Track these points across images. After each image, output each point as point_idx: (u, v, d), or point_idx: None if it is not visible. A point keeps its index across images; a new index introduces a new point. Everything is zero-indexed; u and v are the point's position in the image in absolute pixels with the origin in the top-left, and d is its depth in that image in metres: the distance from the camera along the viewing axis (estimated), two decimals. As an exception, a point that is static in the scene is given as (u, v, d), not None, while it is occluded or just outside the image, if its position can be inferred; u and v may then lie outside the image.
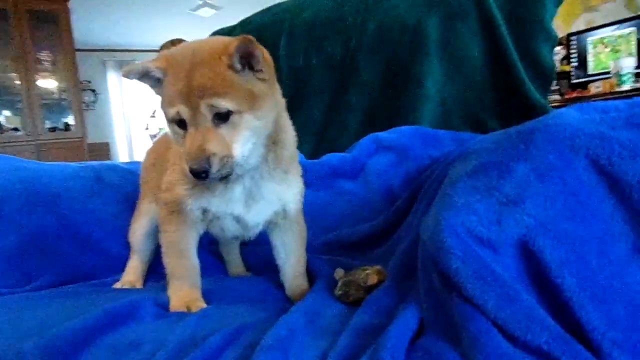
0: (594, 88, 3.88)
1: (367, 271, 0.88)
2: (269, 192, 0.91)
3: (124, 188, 1.38)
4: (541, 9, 1.52)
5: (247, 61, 0.78)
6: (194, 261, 0.96)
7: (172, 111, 0.77)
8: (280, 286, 1.08)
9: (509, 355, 0.51)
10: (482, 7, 1.54)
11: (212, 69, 0.75)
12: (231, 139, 0.77)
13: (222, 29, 2.15)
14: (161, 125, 7.59)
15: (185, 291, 0.93)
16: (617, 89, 3.62)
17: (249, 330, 0.71)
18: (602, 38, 3.99)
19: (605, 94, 3.70)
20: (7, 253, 1.11)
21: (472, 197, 0.63)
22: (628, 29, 3.94)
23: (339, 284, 0.87)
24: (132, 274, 1.17)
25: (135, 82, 0.82)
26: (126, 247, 1.25)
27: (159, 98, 0.82)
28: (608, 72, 3.83)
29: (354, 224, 1.40)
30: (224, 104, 0.75)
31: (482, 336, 0.53)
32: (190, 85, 0.75)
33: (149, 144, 6.69)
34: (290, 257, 1.01)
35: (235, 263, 1.29)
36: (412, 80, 1.54)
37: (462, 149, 1.16)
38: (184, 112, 0.76)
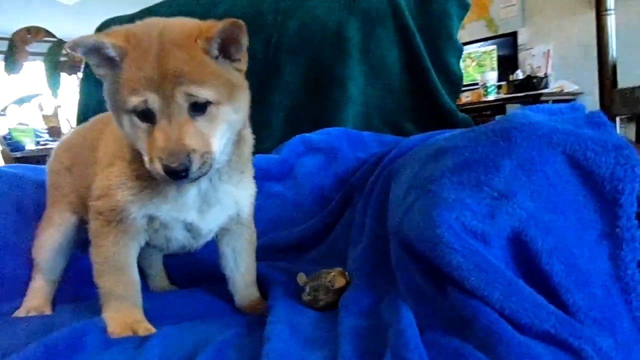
0: (464, 97, 4.34)
1: (332, 274, 0.86)
2: (226, 196, 0.83)
3: (13, 196, 1.15)
4: (449, 22, 1.65)
5: (226, 48, 0.70)
6: (135, 277, 0.83)
7: (136, 100, 0.65)
8: (223, 297, 0.99)
9: (524, 342, 0.52)
10: (398, 15, 1.61)
11: (187, 53, 0.66)
12: (209, 133, 0.68)
13: (116, 18, 1.94)
14: (11, 125, 6.64)
15: (125, 312, 0.80)
16: (484, 99, 4.11)
17: (229, 350, 0.63)
18: (469, 53, 4.49)
19: (474, 102, 4.18)
20: None
21: (462, 193, 0.65)
22: (490, 47, 4.50)
23: (307, 289, 0.83)
24: (37, 298, 0.98)
25: None
26: (23, 267, 1.05)
27: (107, 83, 0.70)
28: (476, 84, 4.33)
29: (286, 227, 1.36)
30: (203, 93, 0.66)
31: (496, 327, 0.54)
32: (162, 70, 0.64)
33: (-2, 146, 5.78)
34: (241, 265, 0.94)
35: (159, 276, 1.16)
36: (335, 82, 1.55)
37: (398, 150, 1.20)
38: (154, 102, 0.65)
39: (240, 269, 0.94)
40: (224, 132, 0.71)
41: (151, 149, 0.66)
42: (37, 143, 6.78)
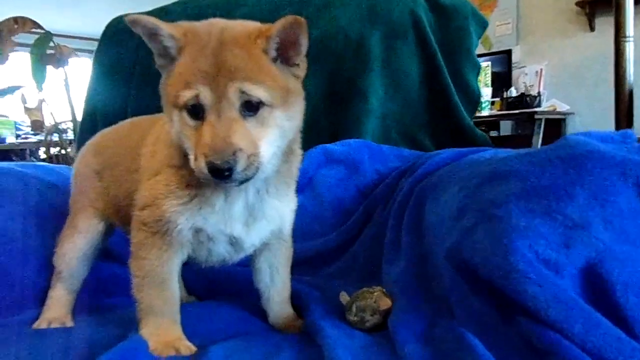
0: (458, 112, 4.39)
1: (374, 294, 0.84)
2: (271, 210, 0.80)
3: (28, 198, 1.10)
4: (468, 39, 1.66)
5: (285, 51, 0.68)
6: (176, 292, 0.79)
7: (188, 94, 0.62)
8: (252, 312, 0.96)
9: (614, 380, 0.51)
10: (419, 30, 1.61)
11: (246, 51, 0.64)
12: (258, 136, 0.65)
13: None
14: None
15: (165, 329, 0.76)
16: (478, 114, 4.16)
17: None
18: (464, 69, 4.54)
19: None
20: None
21: (533, 220, 0.64)
22: (484, 63, 4.57)
23: (353, 309, 0.81)
24: (58, 308, 0.93)
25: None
26: (39, 275, 1.00)
27: (163, 77, 0.67)
28: (470, 100, 4.38)
29: (305, 239, 1.33)
30: (257, 93, 0.63)
31: (581, 363, 0.53)
32: (218, 65, 0.62)
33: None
34: (277, 281, 0.91)
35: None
36: (356, 94, 1.54)
37: (427, 167, 1.18)
38: (206, 96, 0.62)
39: (276, 285, 0.90)
40: (274, 138, 0.68)
41: (197, 146, 0.63)
42: (18, 136, 6.58)
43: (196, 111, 0.64)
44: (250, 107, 0.64)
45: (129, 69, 1.72)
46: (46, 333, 0.84)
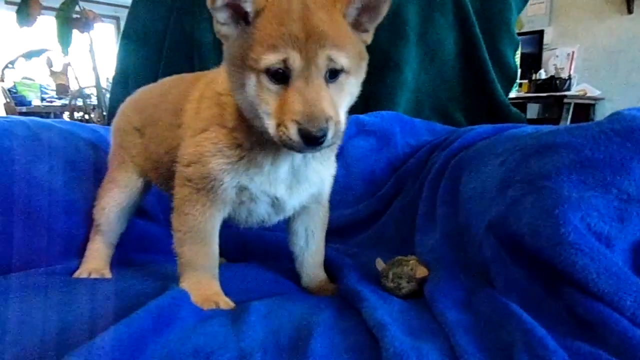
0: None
1: (411, 262, 0.84)
2: (313, 174, 0.81)
3: (67, 153, 1.11)
4: (508, 13, 1.61)
5: (361, 16, 0.67)
6: (216, 249, 0.81)
7: (274, 58, 0.61)
8: (286, 275, 0.97)
9: (667, 354, 0.51)
10: (458, 2, 1.57)
11: (330, 16, 0.63)
12: (338, 103, 0.65)
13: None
14: (16, 78, 6.54)
15: (205, 284, 0.78)
16: (506, 96, 4.07)
17: (336, 336, 0.61)
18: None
19: (495, 99, 4.13)
20: None
21: (586, 192, 0.62)
22: (516, 43, 4.44)
23: (389, 275, 0.81)
24: (97, 260, 0.96)
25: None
26: (80, 227, 1.02)
27: (231, 42, 0.66)
28: (497, 80, 4.28)
29: (336, 209, 1.33)
30: (342, 60, 0.63)
31: (632, 334, 0.53)
32: (307, 30, 0.61)
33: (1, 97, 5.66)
34: (312, 244, 0.91)
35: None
36: (391, 65, 1.51)
37: (463, 141, 1.17)
38: (295, 61, 0.61)
39: (311, 248, 0.91)
40: (347, 104, 0.69)
41: (284, 112, 0.62)
42: (43, 99, 6.67)
43: (279, 76, 0.63)
44: (333, 74, 0.64)
45: (162, 32, 1.71)
46: (88, 282, 0.86)
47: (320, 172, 0.82)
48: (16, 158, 0.96)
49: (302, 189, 0.80)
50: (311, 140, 0.61)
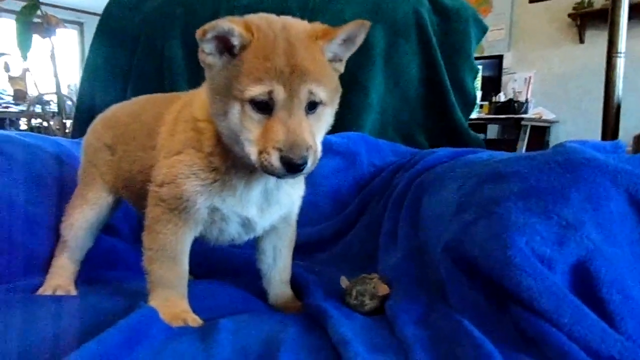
0: (447, 113, 4.47)
1: (373, 279, 0.88)
2: (284, 196, 0.84)
3: (30, 167, 1.10)
4: (467, 42, 1.71)
5: (339, 50, 0.73)
6: (186, 267, 0.82)
7: (259, 90, 0.65)
8: (254, 292, 1.00)
9: (598, 366, 0.56)
10: (421, 29, 1.65)
11: (311, 52, 0.68)
12: (315, 132, 0.70)
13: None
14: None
15: (174, 302, 0.79)
16: (467, 117, 4.24)
17: (303, 352, 0.64)
18: (456, 71, 4.62)
19: (457, 119, 4.29)
20: None
21: (531, 218, 0.69)
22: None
23: (353, 293, 0.85)
24: (62, 277, 0.95)
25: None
26: (43, 243, 1.02)
27: (215, 71, 0.69)
28: (459, 101, 4.46)
29: (302, 226, 1.36)
30: (321, 94, 0.68)
31: (568, 349, 0.58)
32: (291, 65, 0.65)
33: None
34: (279, 262, 0.94)
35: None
36: (358, 88, 1.57)
37: (424, 164, 1.23)
38: (279, 93, 0.65)
39: (278, 266, 0.94)
40: (323, 132, 0.74)
41: (266, 140, 0.65)
42: (-2, 105, 6.41)
43: (262, 106, 0.67)
44: (312, 106, 0.69)
45: (133, 43, 1.71)
46: (53, 299, 0.86)
47: (290, 195, 0.85)
48: (-20, 173, 0.94)
49: (273, 210, 0.83)
50: (292, 168, 0.65)
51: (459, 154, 1.19)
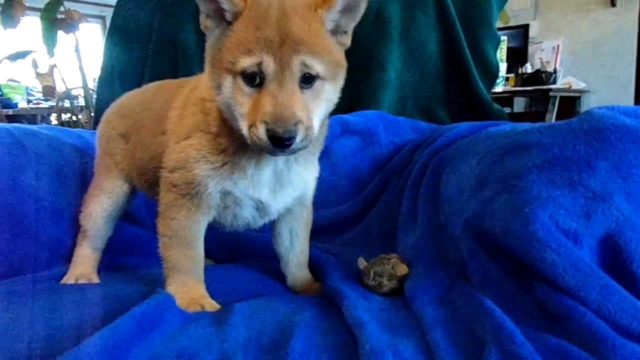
0: (471, 87, 4.34)
1: (392, 260, 0.86)
2: (297, 177, 0.82)
3: (53, 159, 1.12)
4: (489, 11, 1.63)
5: (340, 19, 0.69)
6: (201, 252, 0.82)
7: (249, 61, 0.63)
8: (272, 275, 0.99)
9: (628, 344, 0.53)
10: (439, 1, 1.59)
11: (307, 22, 0.64)
12: (311, 108, 0.66)
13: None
14: (1, 81, 6.47)
15: (191, 287, 0.79)
16: (493, 90, 4.11)
17: (317, 335, 0.63)
18: (480, 43, 4.46)
19: (482, 93, 4.17)
20: None
21: (555, 191, 0.65)
22: (501, 37, 4.48)
23: (371, 274, 0.83)
24: (85, 265, 0.97)
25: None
26: (67, 233, 1.04)
27: (212, 39, 0.67)
28: (484, 75, 4.32)
29: (320, 208, 1.35)
30: (317, 67, 0.64)
31: (596, 328, 0.55)
32: (283, 35, 0.62)
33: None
34: (296, 245, 0.93)
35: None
36: (374, 64, 1.53)
37: (444, 139, 1.19)
38: (268, 65, 0.63)
39: (296, 248, 0.93)
40: (322, 110, 0.69)
41: (255, 113, 0.63)
42: (29, 101, 6.60)
43: (254, 79, 0.64)
44: (308, 80, 0.65)
45: (146, 33, 1.71)
46: (76, 288, 0.88)
47: (303, 176, 0.83)
48: (1, 167, 0.96)
49: (285, 192, 0.81)
50: (278, 142, 0.62)
51: (480, 127, 1.14)
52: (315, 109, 0.67)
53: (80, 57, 5.00)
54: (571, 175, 0.65)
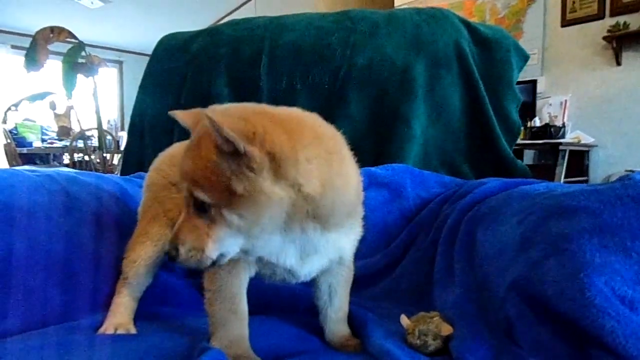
0: (481, 139, 4.41)
1: (435, 319, 0.86)
2: (327, 244, 0.80)
3: (93, 206, 1.14)
4: (510, 71, 1.71)
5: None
6: (245, 308, 0.83)
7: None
8: (308, 330, 0.99)
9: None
10: (462, 60, 1.66)
11: (201, 150, 0.67)
12: (207, 232, 0.68)
13: (178, 34, 1.97)
14: (18, 120, 6.64)
15: (235, 343, 0.79)
16: (502, 143, 4.18)
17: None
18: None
19: (491, 145, 4.23)
20: (-37, 287, 0.83)
21: (609, 257, 0.66)
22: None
23: (416, 333, 0.83)
24: (123, 315, 0.97)
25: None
26: (106, 280, 1.04)
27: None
28: (493, 127, 4.41)
29: (349, 260, 1.36)
30: (201, 195, 0.67)
31: (662, 398, 0.55)
32: (182, 168, 0.70)
33: (2, 138, 5.70)
34: (335, 300, 0.93)
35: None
36: (401, 120, 1.58)
37: (475, 196, 1.21)
38: (185, 193, 0.70)
39: (334, 304, 0.93)
40: (228, 234, 0.69)
41: None
42: (44, 141, 6.74)
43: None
44: (200, 207, 0.68)
45: (179, 84, 1.78)
46: (116, 339, 0.87)
47: (336, 242, 0.81)
48: (48, 213, 0.98)
49: (314, 259, 0.81)
50: (169, 258, 0.70)
51: (510, 185, 1.17)
52: (212, 234, 0.68)
53: (97, 100, 5.15)
54: (624, 242, 0.67)
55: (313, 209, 0.72)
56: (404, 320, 0.88)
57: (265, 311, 1.17)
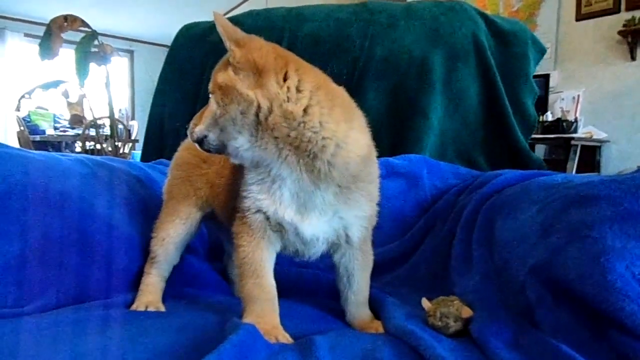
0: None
1: (455, 302, 0.89)
2: (323, 203, 0.82)
3: (121, 189, 1.18)
4: (527, 64, 1.72)
5: None
6: (271, 281, 0.86)
7: None
8: (329, 312, 1.02)
9: None
10: (480, 53, 1.67)
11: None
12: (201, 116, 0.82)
13: (198, 24, 1.99)
14: (31, 108, 6.70)
15: (266, 317, 0.82)
16: (513, 137, 4.17)
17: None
18: (500, 90, 4.57)
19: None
20: (6, 263, 0.86)
21: (629, 243, 0.68)
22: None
23: (437, 314, 0.86)
24: (152, 293, 1.01)
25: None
26: (135, 260, 1.08)
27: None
28: (505, 121, 4.40)
29: (366, 247, 1.39)
30: (210, 84, 0.81)
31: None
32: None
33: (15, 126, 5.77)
34: (353, 284, 0.96)
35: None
36: (418, 111, 1.60)
37: (492, 186, 1.23)
38: None
39: (353, 287, 0.95)
40: (208, 116, 0.80)
41: None
42: (56, 129, 6.80)
43: None
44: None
45: (200, 73, 1.81)
46: (149, 316, 0.91)
47: (333, 206, 0.83)
48: (83, 195, 1.02)
49: (314, 216, 0.82)
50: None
51: (527, 176, 1.19)
52: (204, 116, 0.81)
53: (109, 89, 5.19)
54: (644, 229, 0.69)
55: (296, 135, 0.76)
56: (425, 302, 0.91)
57: (289, 295, 1.21)
